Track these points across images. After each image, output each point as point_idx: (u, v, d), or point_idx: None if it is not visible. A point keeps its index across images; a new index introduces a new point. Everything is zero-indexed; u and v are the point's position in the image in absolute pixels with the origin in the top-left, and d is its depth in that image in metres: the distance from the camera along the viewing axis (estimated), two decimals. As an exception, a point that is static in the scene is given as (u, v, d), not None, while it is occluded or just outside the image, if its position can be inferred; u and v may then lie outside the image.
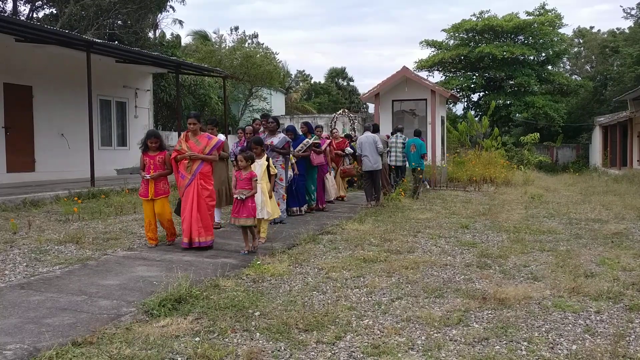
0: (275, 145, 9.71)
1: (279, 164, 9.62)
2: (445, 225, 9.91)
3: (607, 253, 7.45)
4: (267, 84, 33.30)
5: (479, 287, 5.72)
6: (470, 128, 24.31)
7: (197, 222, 7.48)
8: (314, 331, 4.37)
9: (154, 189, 7.58)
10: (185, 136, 7.76)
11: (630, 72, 34.79)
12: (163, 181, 7.68)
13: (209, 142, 7.71)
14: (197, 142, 7.65)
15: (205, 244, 7.52)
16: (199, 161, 7.57)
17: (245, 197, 7.23)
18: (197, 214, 7.48)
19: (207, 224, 7.60)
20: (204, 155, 7.58)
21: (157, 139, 7.69)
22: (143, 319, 4.63)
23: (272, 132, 9.94)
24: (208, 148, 7.67)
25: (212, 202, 7.70)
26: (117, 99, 18.59)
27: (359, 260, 6.85)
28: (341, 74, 56.55)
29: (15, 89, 14.78)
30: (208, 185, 7.66)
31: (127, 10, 23.87)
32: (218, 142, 7.83)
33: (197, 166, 7.56)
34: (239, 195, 7.24)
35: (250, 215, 7.28)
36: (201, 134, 7.78)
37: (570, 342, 4.25)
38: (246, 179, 7.38)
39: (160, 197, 7.65)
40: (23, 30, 13.38)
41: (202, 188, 7.56)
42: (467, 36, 38.62)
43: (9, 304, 5.04)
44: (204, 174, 7.61)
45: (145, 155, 7.68)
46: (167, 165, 7.66)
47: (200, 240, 7.50)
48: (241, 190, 7.31)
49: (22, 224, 8.94)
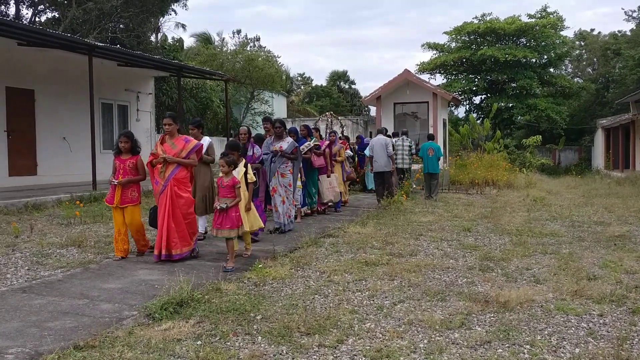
0: (285, 150, 9.33)
1: (287, 170, 9.35)
2: (447, 228, 9.89)
3: (609, 256, 7.43)
4: (269, 87, 33.33)
5: (481, 290, 5.71)
6: (472, 131, 24.30)
7: (172, 233, 6.89)
8: (315, 335, 4.36)
9: (120, 195, 7.02)
10: (162, 138, 7.26)
11: (633, 75, 34.75)
12: (132, 188, 7.08)
13: (185, 145, 7.12)
14: (173, 145, 7.11)
15: (180, 256, 6.93)
16: (174, 166, 6.99)
17: (227, 206, 6.63)
18: (171, 224, 6.89)
19: (184, 234, 7.00)
20: (178, 159, 7.00)
21: (127, 139, 7.10)
22: (145, 323, 4.63)
23: (280, 137, 9.51)
24: (185, 151, 7.08)
25: (189, 209, 7.10)
26: (119, 102, 18.61)
27: (361, 264, 6.84)
28: (343, 77, 56.59)
29: (18, 92, 14.80)
30: (183, 193, 7.03)
31: (129, 14, 23.91)
32: (196, 145, 7.25)
33: (171, 171, 6.98)
34: (219, 205, 6.65)
35: (233, 226, 6.67)
36: (179, 136, 7.22)
37: (573, 345, 4.23)
38: (228, 186, 6.75)
39: (128, 205, 7.07)
40: (25, 34, 13.41)
41: (176, 196, 6.96)
42: (469, 39, 38.61)
43: (11, 307, 5.04)
44: (179, 180, 7.01)
45: (116, 159, 7.15)
46: (139, 171, 7.12)
47: (175, 252, 6.90)
48: (223, 198, 6.72)
49: (24, 228, 8.94)
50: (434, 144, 15.45)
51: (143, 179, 7.20)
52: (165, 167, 6.98)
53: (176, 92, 21.98)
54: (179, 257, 6.93)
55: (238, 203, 6.79)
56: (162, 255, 6.87)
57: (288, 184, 9.36)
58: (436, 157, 15.18)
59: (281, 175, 9.34)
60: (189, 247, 7.08)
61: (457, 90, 36.42)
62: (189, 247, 7.07)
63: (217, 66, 27.66)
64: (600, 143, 33.18)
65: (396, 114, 20.04)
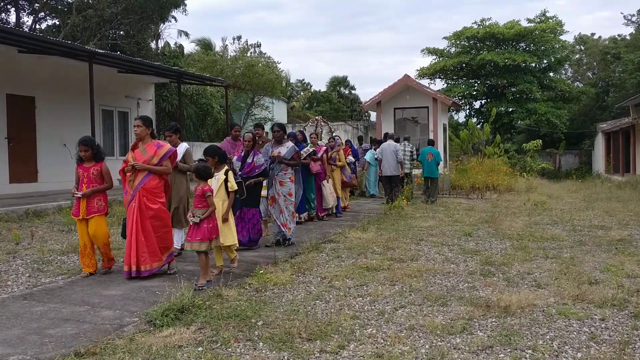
0: (284, 156, 8.65)
1: (287, 177, 8.68)
2: (448, 233, 9.88)
3: (611, 260, 7.43)
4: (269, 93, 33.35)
5: (483, 295, 5.70)
6: (472, 135, 24.31)
7: (141, 247, 6.33)
8: (317, 340, 4.36)
9: (85, 206, 6.46)
10: (133, 144, 6.72)
11: (632, 79, 34.77)
12: (98, 197, 6.53)
13: (157, 152, 6.54)
14: (144, 151, 6.54)
15: (149, 272, 6.36)
16: (143, 174, 6.44)
17: (200, 219, 6.02)
18: (140, 237, 6.33)
19: (154, 249, 6.42)
20: (148, 166, 6.44)
21: (86, 147, 6.55)
22: (146, 329, 4.62)
23: (279, 142, 8.82)
24: (156, 158, 6.51)
25: (161, 221, 6.53)
26: (119, 109, 18.63)
27: (362, 269, 6.83)
28: (343, 83, 56.65)
29: (18, 99, 14.82)
30: (153, 204, 6.44)
31: (129, 21, 23.96)
32: (169, 151, 6.66)
33: (140, 180, 6.43)
34: (192, 219, 6.07)
35: (204, 239, 6.04)
36: (151, 141, 6.63)
37: (575, 349, 4.22)
38: (199, 195, 6.15)
39: (94, 215, 6.50)
40: (26, 41, 13.44)
41: (145, 207, 6.40)
42: (468, 44, 38.66)
43: (12, 314, 5.04)
44: (148, 189, 6.44)
45: (79, 167, 6.61)
46: (105, 179, 6.60)
47: (143, 268, 6.33)
48: (196, 209, 6.13)
49: (24, 235, 8.94)
50: (433, 149, 15.76)
51: (110, 187, 6.69)
52: (134, 175, 6.45)
53: (177, 98, 21.99)
54: (148, 274, 6.36)
55: (212, 213, 6.19)
56: (132, 272, 6.32)
57: (288, 192, 8.67)
58: (435, 161, 15.48)
59: (279, 184, 8.67)
60: (160, 263, 6.50)
61: (457, 95, 36.45)
62: (159, 263, 6.49)
63: (217, 72, 27.67)
64: (601, 147, 33.17)
65: (396, 119, 20.05)
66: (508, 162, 24.43)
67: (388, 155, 14.00)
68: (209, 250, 6.15)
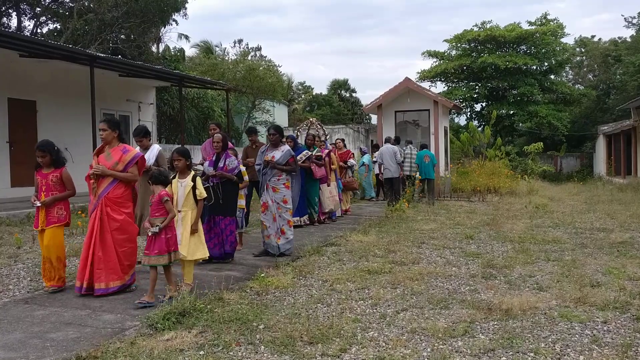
0: (277, 160, 8.03)
1: (281, 183, 8.07)
2: (449, 235, 9.88)
3: (613, 262, 7.41)
4: (270, 96, 33.41)
5: (485, 298, 5.69)
6: (473, 138, 24.30)
7: (97, 262, 5.74)
8: (318, 344, 4.35)
9: (45, 216, 5.93)
10: (99, 148, 6.17)
11: (633, 81, 34.75)
12: (59, 205, 6.00)
13: (122, 157, 5.95)
14: (108, 156, 5.98)
15: (103, 291, 5.72)
16: (108, 181, 5.89)
17: (159, 228, 5.44)
18: (97, 251, 5.75)
19: (113, 265, 5.79)
20: (113, 172, 5.88)
21: (43, 152, 5.99)
22: (147, 333, 4.61)
23: (275, 145, 8.22)
24: (121, 164, 5.92)
25: (124, 235, 5.87)
26: (120, 112, 18.65)
27: (364, 272, 6.82)
28: (343, 86, 56.67)
29: (20, 103, 14.85)
30: (117, 215, 5.83)
31: (130, 25, 24.01)
32: (135, 156, 6.05)
33: (104, 188, 5.87)
34: (150, 229, 5.46)
35: (162, 251, 5.45)
36: (117, 145, 6.06)
37: (577, 352, 4.21)
38: (155, 202, 5.59)
39: (52, 225, 5.95)
40: (27, 46, 13.48)
41: (108, 217, 5.81)
42: (469, 46, 38.67)
43: (13, 318, 5.04)
44: (112, 199, 5.87)
45: (37, 173, 6.08)
46: (67, 185, 6.09)
47: (97, 286, 5.72)
48: (153, 218, 5.56)
49: (26, 239, 8.95)
50: (428, 152, 16.37)
51: (72, 194, 6.15)
52: (97, 182, 5.92)
53: (177, 102, 22.03)
54: (103, 293, 5.72)
55: (172, 220, 5.62)
56: (83, 288, 5.74)
57: (282, 200, 8.03)
58: (432, 163, 16.04)
59: (273, 190, 8.04)
60: (120, 281, 5.85)
61: (458, 98, 36.44)
62: (120, 281, 5.84)
63: (218, 76, 27.73)
64: (602, 149, 33.16)
65: (397, 122, 20.04)
66: (509, 165, 24.42)
67: (387, 158, 14.43)
68: (169, 263, 5.56)
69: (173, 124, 26.17)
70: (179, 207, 6.03)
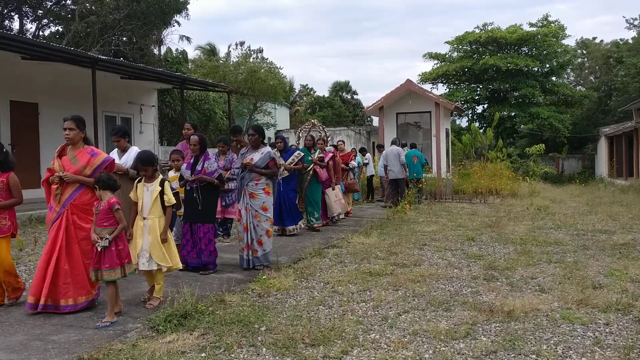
0: (256, 163, 7.38)
1: (260, 188, 7.40)
2: (451, 237, 9.87)
3: (615, 264, 7.40)
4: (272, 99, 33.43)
5: (486, 300, 5.68)
6: (474, 140, 24.31)
7: (63, 276, 5.20)
8: (320, 346, 4.35)
9: None
10: (61, 149, 5.57)
11: (635, 82, 34.74)
12: (3, 214, 5.57)
13: (91, 160, 5.42)
14: (74, 159, 5.41)
15: (72, 307, 5.19)
16: (73, 187, 5.35)
17: (109, 241, 4.93)
18: (63, 264, 5.22)
19: (81, 279, 5.25)
20: (80, 177, 5.34)
21: None
22: (149, 335, 4.62)
23: (255, 147, 7.60)
24: (89, 168, 5.39)
25: (92, 246, 5.13)
26: (122, 115, 18.68)
27: (365, 274, 6.82)
28: (345, 88, 56.73)
29: (22, 106, 14.87)
30: (85, 223, 5.29)
31: (132, 27, 24.05)
32: (105, 160, 5.51)
33: (70, 194, 5.33)
34: (99, 242, 4.93)
35: (114, 264, 4.95)
36: (84, 147, 5.51)
37: (580, 354, 4.21)
38: (104, 210, 5.04)
39: None
40: (29, 48, 13.50)
41: (75, 227, 5.29)
42: (470, 48, 38.71)
43: (15, 320, 5.05)
44: (80, 206, 5.33)
45: None
46: (13, 192, 5.70)
47: (63, 303, 5.17)
48: (100, 229, 5.00)
49: (28, 241, 8.96)
50: (417, 152, 16.63)
51: (18, 202, 5.74)
52: (61, 188, 5.35)
53: (179, 104, 22.06)
54: (72, 309, 5.19)
55: (122, 231, 5.12)
56: (39, 305, 5.15)
57: (261, 207, 7.37)
58: (420, 163, 16.34)
59: (250, 196, 7.38)
60: (88, 297, 5.33)
61: (459, 100, 36.48)
62: (88, 297, 5.32)
63: (220, 78, 27.76)
64: (604, 151, 33.13)
65: (399, 124, 20.04)
66: (511, 167, 24.41)
67: (392, 160, 14.89)
68: (121, 278, 5.08)
69: (175, 127, 26.18)
70: (145, 214, 5.53)
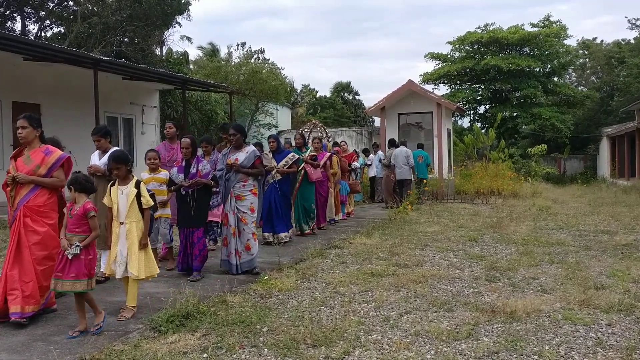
0: (242, 163, 7.17)
1: (247, 190, 7.20)
2: (453, 238, 9.86)
3: (617, 265, 7.39)
4: (273, 99, 33.43)
5: (488, 301, 5.68)
6: (476, 140, 24.28)
7: (12, 282, 4.88)
8: (322, 346, 4.35)
9: None
10: (17, 151, 5.32)
11: (637, 83, 34.70)
12: None
13: (45, 159, 5.14)
14: (28, 160, 5.14)
15: (19, 315, 4.82)
16: (27, 188, 5.05)
17: (80, 248, 4.63)
18: (13, 269, 4.90)
19: (32, 287, 4.89)
20: (33, 178, 5.06)
21: None
22: (151, 336, 4.62)
23: (238, 147, 7.34)
24: (44, 168, 5.12)
25: (45, 252, 4.98)
26: (124, 115, 18.69)
27: (367, 275, 6.82)
28: (346, 88, 56.68)
29: (24, 107, 14.84)
30: (39, 226, 5.00)
31: (134, 28, 24.09)
32: (59, 158, 5.22)
33: (24, 196, 5.04)
34: (69, 250, 4.61)
35: (81, 275, 4.63)
36: (39, 147, 5.22)
37: (582, 355, 4.20)
38: (78, 215, 4.73)
39: None
40: (31, 49, 13.53)
41: (27, 230, 4.97)
42: (472, 49, 38.65)
43: (17, 321, 5.04)
44: (33, 208, 5.02)
45: None
46: None
47: (13, 309, 4.82)
48: (72, 235, 4.71)
49: None
50: (423, 152, 16.58)
51: None
52: (15, 189, 5.08)
53: (181, 105, 22.05)
54: (18, 317, 4.81)
55: (94, 239, 4.85)
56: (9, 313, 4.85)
57: (249, 208, 7.19)
58: (425, 163, 16.38)
59: (236, 198, 7.19)
60: (36, 307, 4.97)
61: (461, 100, 36.41)
62: (35, 307, 4.96)
63: (221, 79, 27.77)
64: (606, 151, 33.09)
65: (400, 124, 20.03)
66: (513, 167, 24.38)
67: (400, 161, 15.10)
68: (86, 291, 4.74)
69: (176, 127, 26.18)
70: (122, 218, 5.23)
